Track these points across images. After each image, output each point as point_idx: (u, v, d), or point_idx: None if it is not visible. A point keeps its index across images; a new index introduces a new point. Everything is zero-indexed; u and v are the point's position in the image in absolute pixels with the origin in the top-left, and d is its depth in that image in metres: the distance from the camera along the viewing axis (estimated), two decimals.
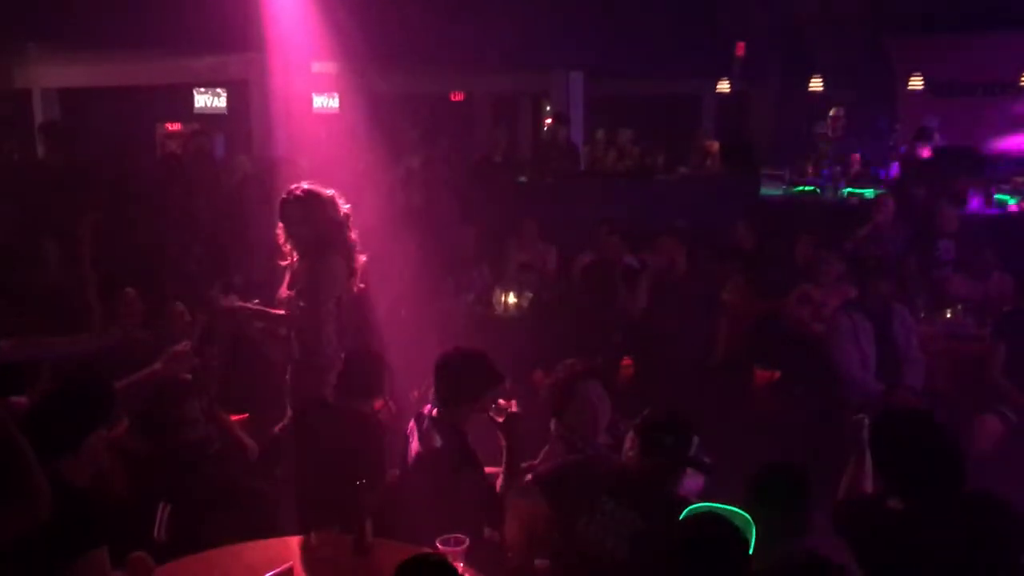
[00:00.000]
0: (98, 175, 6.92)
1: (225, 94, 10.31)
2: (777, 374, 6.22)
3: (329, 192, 4.32)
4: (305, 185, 4.32)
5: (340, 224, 4.31)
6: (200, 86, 10.19)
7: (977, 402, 5.44)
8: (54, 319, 4.84)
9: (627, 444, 3.44)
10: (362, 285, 4.41)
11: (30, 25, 6.87)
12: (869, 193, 9.61)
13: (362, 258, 4.37)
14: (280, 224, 4.32)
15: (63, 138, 7.49)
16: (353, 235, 4.35)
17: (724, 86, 12.49)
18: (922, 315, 6.31)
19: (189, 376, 4.40)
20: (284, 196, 4.30)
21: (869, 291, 5.59)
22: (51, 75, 9.71)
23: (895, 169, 10.60)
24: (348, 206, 4.36)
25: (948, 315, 6.36)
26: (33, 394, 3.60)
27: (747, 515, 2.97)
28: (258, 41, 7.38)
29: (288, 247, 4.34)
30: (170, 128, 10.90)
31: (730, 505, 3.09)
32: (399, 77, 10.97)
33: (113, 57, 8.49)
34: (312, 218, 4.25)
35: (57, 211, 6.31)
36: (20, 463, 2.48)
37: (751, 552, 2.74)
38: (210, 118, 10.27)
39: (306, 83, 10.10)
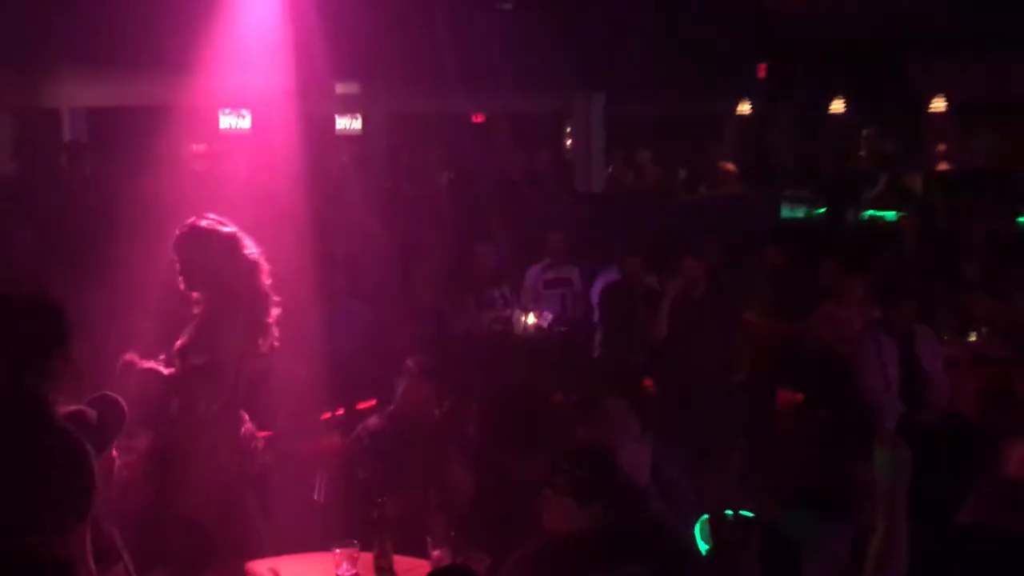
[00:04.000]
0: (122, 194, 7.00)
1: (249, 115, 10.40)
2: (800, 396, 6.18)
3: (227, 230, 3.63)
4: (202, 222, 3.64)
5: (239, 272, 3.60)
6: (225, 107, 10.30)
7: (1004, 426, 5.37)
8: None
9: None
10: (276, 344, 3.76)
11: (59, 45, 6.98)
12: (890, 215, 9.58)
13: (275, 311, 3.69)
14: (180, 266, 3.64)
15: (86, 157, 7.59)
16: (265, 284, 3.66)
17: (745, 107, 12.49)
18: (946, 337, 6.26)
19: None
20: (177, 232, 3.66)
21: (893, 312, 5.55)
22: (80, 95, 9.83)
23: (919, 190, 10.56)
24: (255, 251, 3.66)
25: (973, 337, 6.30)
26: None
27: None
28: (281, 62, 7.45)
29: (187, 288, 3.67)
30: (195, 148, 11.00)
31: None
32: (420, 99, 11.05)
33: (140, 77, 8.60)
34: (202, 259, 3.58)
35: (73, 231, 6.38)
36: None
37: None
38: (235, 138, 10.37)
39: (329, 104, 10.20)
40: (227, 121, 10.43)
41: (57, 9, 6.57)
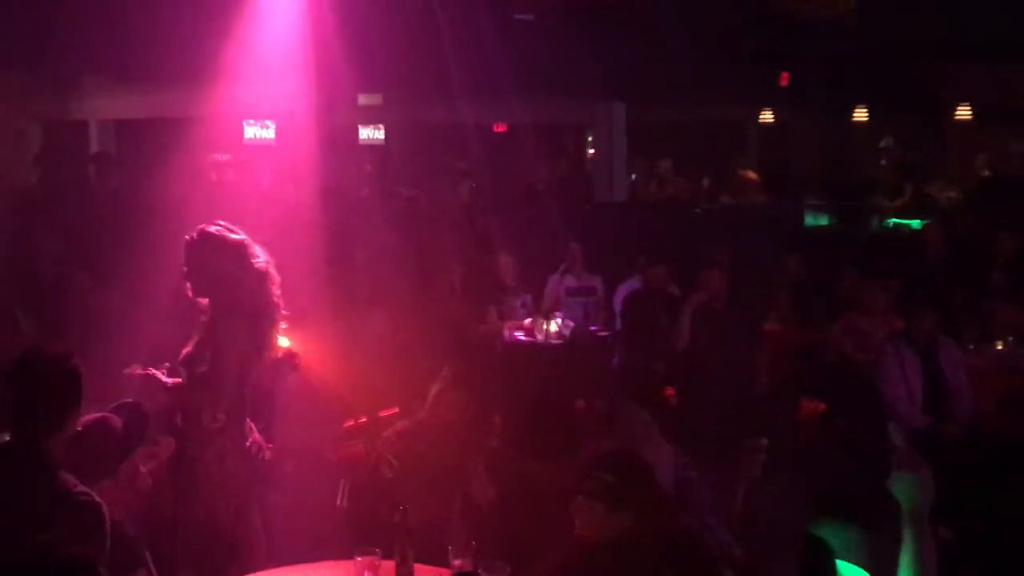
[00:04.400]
0: (147, 203, 7.09)
1: (273, 125, 10.50)
2: (823, 406, 6.14)
3: (236, 237, 3.59)
4: (211, 228, 3.60)
5: (246, 280, 3.55)
6: (249, 118, 10.40)
7: None
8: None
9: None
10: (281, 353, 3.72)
11: (87, 58, 7.08)
12: (915, 224, 9.52)
13: (282, 325, 3.64)
14: (186, 272, 3.61)
15: (112, 168, 7.69)
16: (274, 294, 3.60)
17: (768, 115, 12.46)
18: (971, 347, 6.21)
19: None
20: (187, 237, 3.61)
21: (915, 324, 5.51)
22: (107, 107, 9.99)
23: (941, 199, 10.50)
24: (264, 260, 3.60)
25: (999, 347, 6.24)
26: None
27: None
28: (305, 73, 7.53)
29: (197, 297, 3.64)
30: (220, 159, 11.11)
31: None
32: (442, 109, 11.08)
33: (165, 89, 8.71)
34: (210, 265, 3.55)
35: (98, 239, 6.47)
36: None
37: None
38: (259, 149, 10.46)
39: (352, 115, 10.26)
40: (252, 132, 10.53)
41: (87, 23, 6.67)
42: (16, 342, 5.41)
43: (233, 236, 3.60)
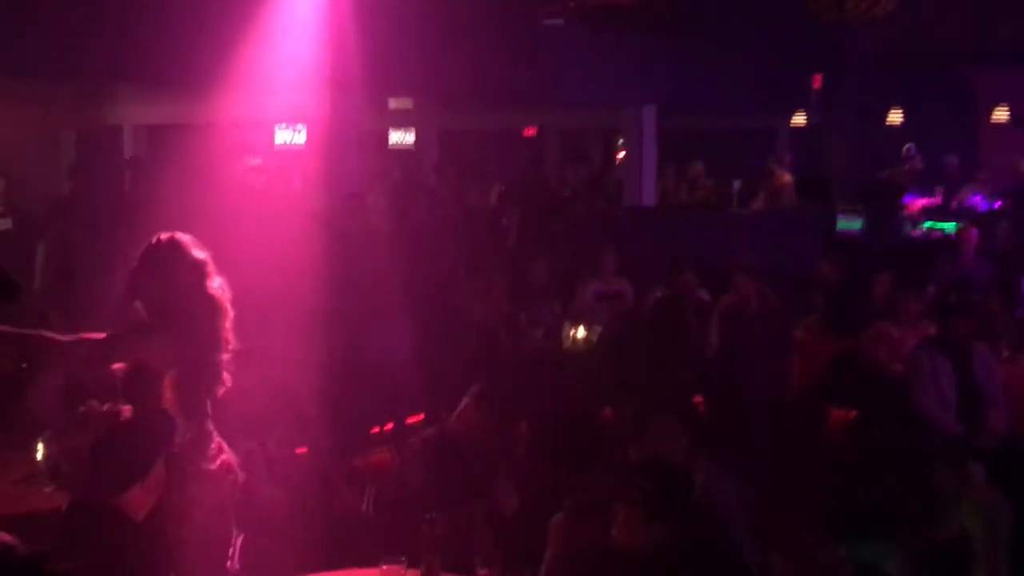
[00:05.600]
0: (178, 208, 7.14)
1: (304, 130, 10.56)
2: (853, 414, 6.07)
3: (200, 256, 3.33)
4: (181, 237, 3.35)
5: (194, 303, 3.28)
6: (280, 122, 10.47)
7: None
8: None
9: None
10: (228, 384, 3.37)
11: (121, 65, 7.17)
12: (950, 227, 9.40)
13: (225, 356, 3.34)
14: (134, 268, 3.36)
15: (147, 173, 7.78)
16: (220, 326, 3.32)
17: (800, 120, 12.34)
18: (1006, 354, 6.11)
19: None
20: (149, 242, 3.36)
21: (949, 330, 5.43)
22: (140, 112, 10.11)
23: (978, 203, 10.36)
24: (218, 281, 3.33)
25: None
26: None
27: None
28: (335, 78, 7.57)
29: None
30: (251, 163, 11.19)
31: None
32: (472, 114, 11.12)
33: (198, 94, 8.80)
34: (159, 275, 3.30)
35: (132, 244, 6.51)
36: None
37: None
38: (289, 154, 10.53)
39: (382, 119, 10.30)
40: (283, 136, 10.59)
41: (120, 31, 6.77)
42: None
43: (197, 253, 3.36)
